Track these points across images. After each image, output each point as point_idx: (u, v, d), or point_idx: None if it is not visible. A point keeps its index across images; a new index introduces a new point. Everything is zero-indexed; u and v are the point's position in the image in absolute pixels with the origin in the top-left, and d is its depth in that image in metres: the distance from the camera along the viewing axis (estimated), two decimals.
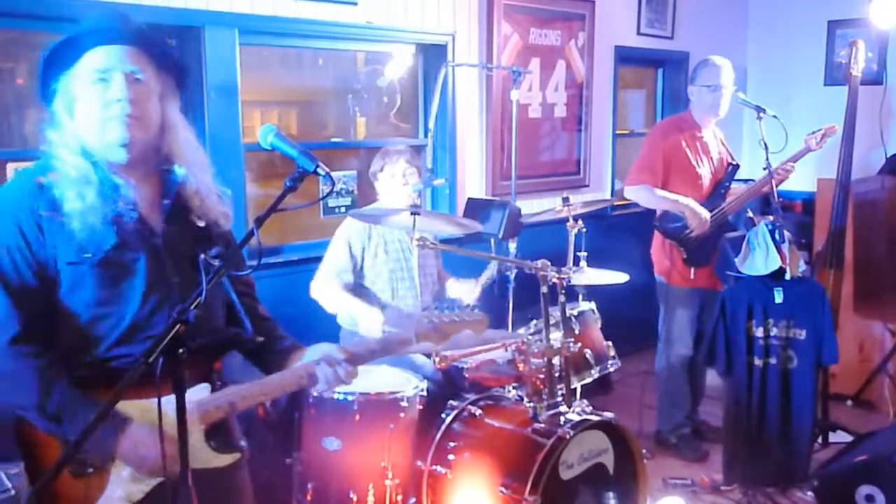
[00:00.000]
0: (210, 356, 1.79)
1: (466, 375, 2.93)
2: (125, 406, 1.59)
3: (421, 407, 2.76)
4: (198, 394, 1.67)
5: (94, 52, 1.63)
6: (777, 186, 3.64)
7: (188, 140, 1.77)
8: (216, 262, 1.59)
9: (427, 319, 1.87)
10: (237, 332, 1.82)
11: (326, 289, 3.17)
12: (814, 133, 3.79)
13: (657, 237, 3.93)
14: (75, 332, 1.64)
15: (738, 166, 3.90)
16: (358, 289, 3.22)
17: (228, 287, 1.79)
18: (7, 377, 1.59)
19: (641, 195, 3.81)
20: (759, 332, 3.40)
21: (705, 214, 3.69)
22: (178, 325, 1.32)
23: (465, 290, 3.37)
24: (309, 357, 1.79)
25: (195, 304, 1.40)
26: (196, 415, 1.63)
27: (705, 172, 3.83)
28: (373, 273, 3.22)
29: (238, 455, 1.77)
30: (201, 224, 1.76)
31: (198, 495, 1.53)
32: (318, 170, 1.55)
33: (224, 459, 1.72)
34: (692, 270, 3.79)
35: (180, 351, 1.32)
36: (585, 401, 2.91)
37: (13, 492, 2.25)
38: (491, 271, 3.41)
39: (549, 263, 2.73)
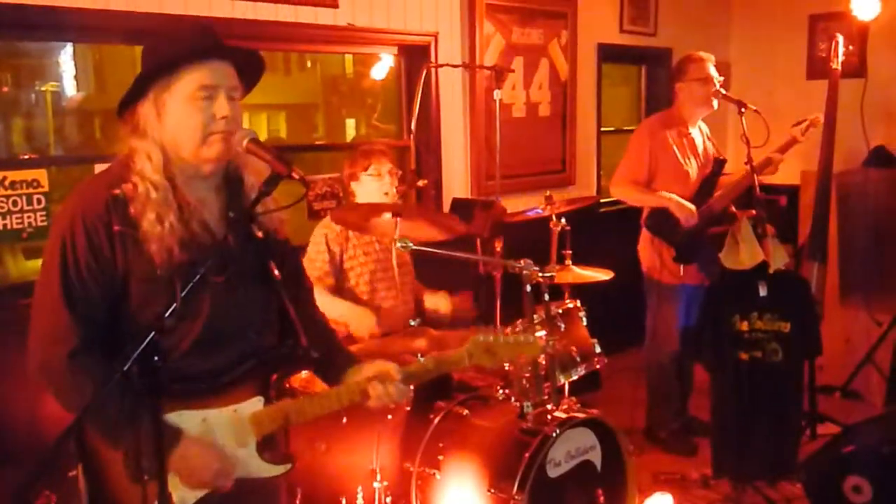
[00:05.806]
0: (264, 371, 1.79)
1: (453, 375, 2.92)
2: (187, 416, 1.65)
3: (408, 408, 2.75)
4: (252, 407, 1.71)
5: (198, 68, 1.64)
6: (760, 177, 3.65)
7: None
8: (277, 273, 1.69)
9: (483, 340, 1.90)
10: (292, 346, 1.82)
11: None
12: (799, 124, 3.79)
13: (644, 234, 3.94)
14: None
15: (725, 161, 3.90)
16: (341, 291, 3.20)
17: (285, 296, 1.78)
18: (68, 389, 1.60)
19: (627, 194, 3.83)
20: (744, 326, 3.41)
21: (691, 206, 3.70)
22: (152, 333, 1.32)
23: (439, 302, 3.32)
24: (365, 373, 1.83)
25: (170, 312, 1.40)
26: (249, 427, 1.69)
27: (692, 169, 3.84)
28: (353, 274, 3.16)
29: (289, 467, 1.79)
30: (260, 234, 1.76)
31: (239, 502, 1.69)
32: (293, 174, 1.57)
33: (275, 471, 1.76)
34: (682, 268, 3.80)
35: (155, 359, 1.32)
36: (573, 398, 2.92)
37: None
38: None
39: (531, 262, 2.73)
